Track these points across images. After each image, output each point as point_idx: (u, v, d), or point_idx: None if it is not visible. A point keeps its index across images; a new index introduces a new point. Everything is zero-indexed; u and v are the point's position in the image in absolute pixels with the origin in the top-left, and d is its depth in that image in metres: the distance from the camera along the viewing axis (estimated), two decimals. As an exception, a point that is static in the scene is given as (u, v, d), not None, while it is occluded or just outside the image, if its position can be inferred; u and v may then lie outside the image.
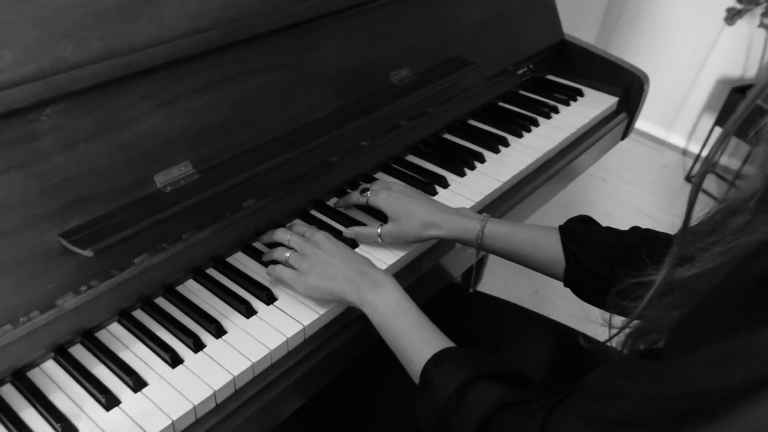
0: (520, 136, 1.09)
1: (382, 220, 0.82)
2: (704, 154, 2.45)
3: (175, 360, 0.65)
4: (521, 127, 1.10)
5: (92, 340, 0.67)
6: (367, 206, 0.84)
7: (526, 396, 0.55)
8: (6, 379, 0.63)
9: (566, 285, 0.76)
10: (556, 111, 1.17)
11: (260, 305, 0.73)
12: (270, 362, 0.68)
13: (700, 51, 2.47)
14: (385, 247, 0.82)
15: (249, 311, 0.71)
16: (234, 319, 0.70)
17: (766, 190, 0.43)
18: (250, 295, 0.74)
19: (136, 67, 0.66)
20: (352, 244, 0.82)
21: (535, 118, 1.13)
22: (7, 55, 0.59)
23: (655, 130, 2.74)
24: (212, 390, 0.63)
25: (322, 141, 0.81)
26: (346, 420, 0.82)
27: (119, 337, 0.68)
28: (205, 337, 0.68)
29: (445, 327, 0.66)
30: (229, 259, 0.79)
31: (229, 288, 0.74)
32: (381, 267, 0.74)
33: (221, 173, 0.73)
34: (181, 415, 0.60)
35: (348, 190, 0.92)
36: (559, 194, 1.17)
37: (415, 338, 0.64)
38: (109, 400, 0.61)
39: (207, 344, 0.67)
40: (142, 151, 0.68)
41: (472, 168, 0.99)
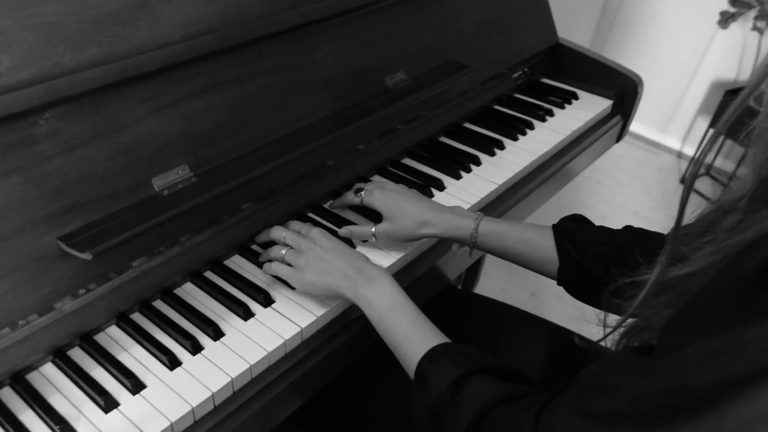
0: (516, 139, 1.10)
1: (378, 221, 0.82)
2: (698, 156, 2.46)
3: (173, 362, 0.65)
4: (516, 130, 1.11)
5: (91, 342, 0.67)
6: (362, 206, 0.84)
7: (519, 391, 0.55)
8: (5, 382, 0.63)
9: (560, 283, 0.76)
10: (551, 114, 1.18)
11: (258, 308, 0.73)
12: (268, 364, 0.68)
13: (694, 54, 2.49)
14: (381, 249, 0.82)
15: (247, 314, 0.71)
16: (232, 321, 0.71)
17: (757, 189, 0.44)
18: (248, 297, 0.74)
19: (134, 72, 0.67)
20: (349, 244, 0.82)
21: (530, 121, 1.14)
22: (5, 60, 0.59)
23: (649, 132, 2.76)
24: (210, 392, 0.63)
25: (318, 144, 0.81)
26: (346, 420, 0.82)
27: (117, 339, 0.68)
28: (203, 339, 0.68)
29: (442, 329, 0.66)
30: (227, 262, 0.79)
31: (227, 290, 0.74)
32: (378, 269, 0.74)
33: (218, 177, 0.73)
34: (180, 417, 0.60)
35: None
36: (554, 197, 1.17)
37: (410, 334, 0.64)
38: (108, 402, 0.61)
39: (205, 346, 0.68)
40: (140, 154, 0.69)
41: (468, 171, 1.00)
